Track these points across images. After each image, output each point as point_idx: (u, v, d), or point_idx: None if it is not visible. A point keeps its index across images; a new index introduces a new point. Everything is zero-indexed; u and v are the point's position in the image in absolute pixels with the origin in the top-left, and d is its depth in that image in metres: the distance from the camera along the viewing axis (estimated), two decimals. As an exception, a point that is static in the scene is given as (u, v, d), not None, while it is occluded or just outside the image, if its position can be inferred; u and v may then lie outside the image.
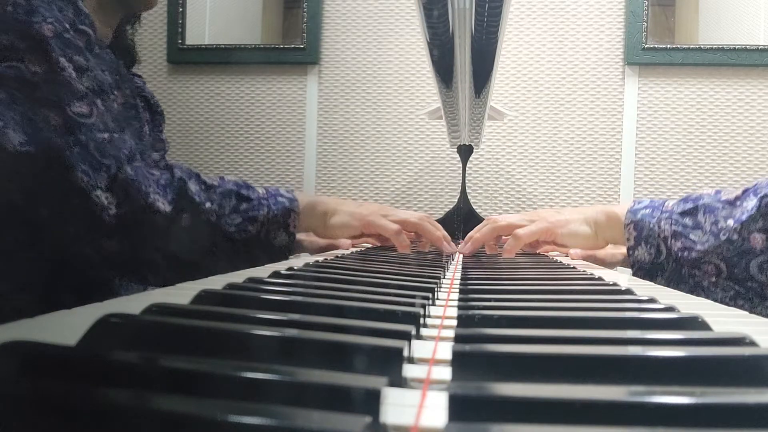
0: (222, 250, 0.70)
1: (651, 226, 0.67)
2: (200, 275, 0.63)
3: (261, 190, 0.75)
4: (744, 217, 0.61)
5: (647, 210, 0.69)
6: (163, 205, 0.65)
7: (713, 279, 0.63)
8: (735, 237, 0.61)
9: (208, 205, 0.68)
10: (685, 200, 0.68)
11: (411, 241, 0.79)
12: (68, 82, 0.63)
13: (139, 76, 0.93)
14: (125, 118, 0.77)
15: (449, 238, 0.81)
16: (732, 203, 0.63)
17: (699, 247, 0.63)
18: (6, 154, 0.60)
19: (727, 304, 0.62)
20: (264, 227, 0.72)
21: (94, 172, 0.62)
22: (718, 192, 0.67)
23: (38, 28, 0.62)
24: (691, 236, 0.64)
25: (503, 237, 0.81)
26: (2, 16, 0.62)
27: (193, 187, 0.68)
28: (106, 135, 0.64)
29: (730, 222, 0.62)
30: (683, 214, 0.66)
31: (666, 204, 0.69)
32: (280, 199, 0.74)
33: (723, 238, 0.61)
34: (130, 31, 0.90)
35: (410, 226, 0.78)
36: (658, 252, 0.67)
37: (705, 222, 0.64)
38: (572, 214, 0.76)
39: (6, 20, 0.62)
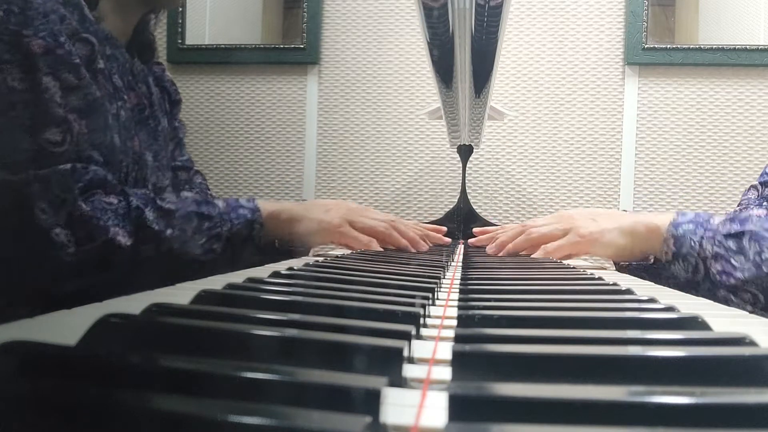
0: (191, 270, 0.65)
1: (692, 243, 0.64)
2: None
3: (221, 204, 0.71)
4: None
5: (690, 225, 0.66)
6: (124, 239, 0.62)
7: (749, 308, 0.61)
8: None
9: (168, 232, 0.65)
10: (732, 220, 0.65)
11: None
12: (46, 106, 0.60)
13: (159, 63, 0.91)
14: (138, 121, 0.76)
15: (415, 239, 0.79)
16: None
17: (738, 274, 0.61)
18: None
19: None
20: (229, 243, 0.69)
21: (53, 208, 0.59)
22: (767, 216, 0.65)
23: (27, 42, 0.59)
24: (733, 261, 0.62)
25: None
26: None
27: (150, 215, 0.64)
28: (68, 166, 0.60)
29: None
30: (728, 236, 0.63)
31: (711, 221, 0.66)
32: (241, 211, 0.71)
33: (765, 270, 0.60)
34: (152, 23, 0.87)
35: (379, 235, 0.76)
36: (696, 271, 0.64)
37: (750, 249, 0.62)
38: (607, 222, 0.72)
39: None
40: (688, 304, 0.36)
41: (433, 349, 0.24)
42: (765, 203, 0.92)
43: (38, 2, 0.61)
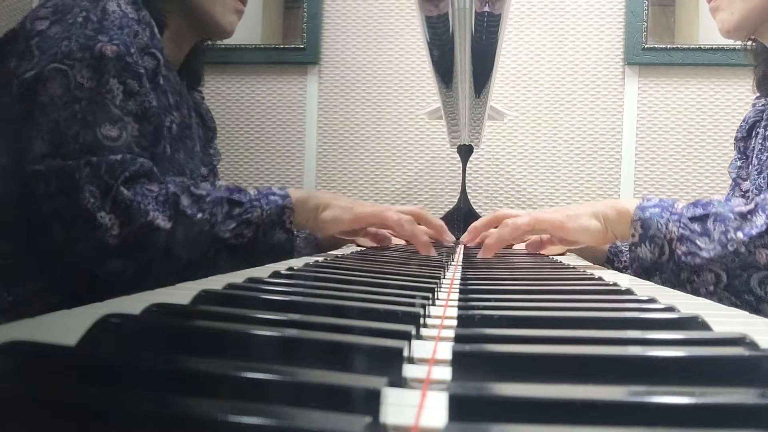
0: (223, 258, 0.70)
1: (659, 226, 0.67)
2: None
3: (252, 192, 0.74)
4: (754, 232, 0.61)
5: (656, 209, 0.69)
6: (163, 222, 0.66)
7: (711, 287, 0.64)
8: (742, 249, 0.61)
9: (199, 216, 0.68)
10: (695, 205, 0.67)
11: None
12: (107, 105, 0.66)
13: (199, 91, 0.98)
14: (180, 138, 0.81)
15: (443, 230, 0.82)
16: (744, 216, 0.63)
17: (704, 254, 0.63)
18: (23, 170, 0.63)
19: None
20: (260, 228, 0.71)
21: (101, 192, 0.64)
22: (728, 200, 0.67)
23: (100, 47, 0.65)
24: (698, 242, 0.64)
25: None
26: (71, 26, 0.66)
27: (185, 200, 0.68)
28: (119, 156, 0.66)
29: (740, 234, 0.62)
30: (693, 219, 0.66)
31: (676, 206, 0.69)
32: (272, 197, 0.73)
33: (730, 249, 0.62)
34: (203, 53, 0.95)
35: (405, 233, 0.77)
36: (661, 252, 0.67)
37: (714, 230, 0.64)
38: (580, 209, 0.75)
39: (74, 31, 0.66)
40: (688, 304, 0.36)
41: (433, 349, 0.24)
42: (741, 156, 0.98)
43: (115, 16, 0.69)
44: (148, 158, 0.70)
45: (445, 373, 0.21)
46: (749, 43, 0.97)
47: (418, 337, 0.26)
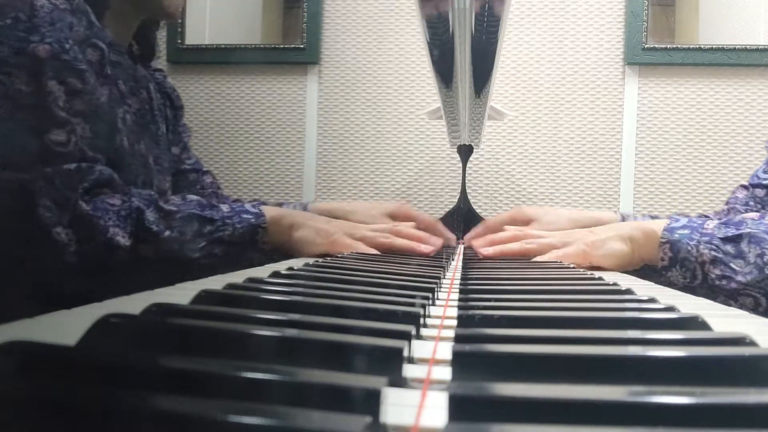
0: (191, 277, 0.68)
1: (689, 248, 0.63)
2: None
3: (225, 208, 0.71)
4: None
5: (685, 230, 0.65)
6: (123, 239, 0.62)
7: (750, 312, 0.61)
8: None
9: (167, 233, 0.65)
10: (726, 224, 0.64)
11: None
12: (50, 109, 0.62)
13: (160, 70, 0.93)
14: (140, 126, 0.77)
15: (420, 239, 0.76)
16: None
17: (740, 278, 0.60)
18: None
19: None
20: (232, 247, 0.69)
21: (57, 206, 0.60)
22: (762, 218, 0.64)
23: (33, 48, 0.61)
24: (733, 265, 0.61)
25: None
26: (1, 30, 0.62)
27: (150, 216, 0.65)
28: (73, 165, 0.62)
29: None
30: (725, 240, 0.62)
31: (706, 225, 0.65)
32: (245, 216, 0.70)
33: None
34: (161, 25, 0.90)
35: (379, 247, 0.74)
36: (693, 276, 0.64)
37: (749, 252, 0.60)
38: (606, 231, 0.71)
39: (4, 35, 0.61)
40: (688, 304, 0.36)
41: (433, 349, 0.24)
42: (755, 204, 0.91)
43: (45, 11, 0.63)
44: (104, 159, 0.66)
45: (445, 373, 0.21)
46: None
47: (418, 337, 0.26)
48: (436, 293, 0.38)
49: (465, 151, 1.35)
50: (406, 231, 0.77)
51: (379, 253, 0.73)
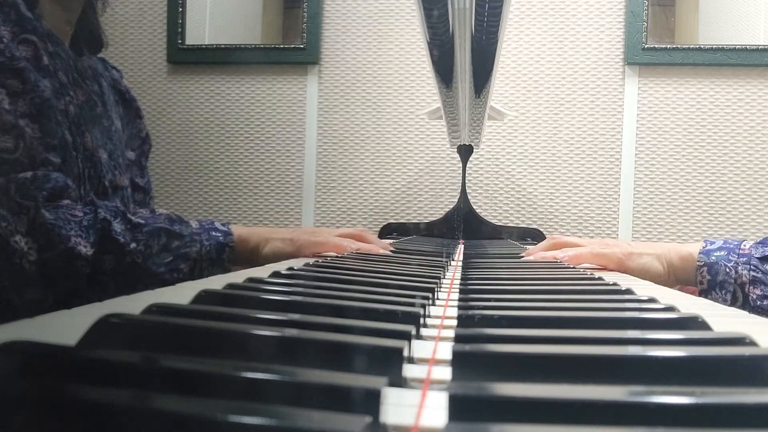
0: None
1: (727, 270, 0.63)
2: None
3: (194, 224, 0.71)
4: None
5: (722, 252, 0.65)
6: (85, 249, 0.61)
7: None
8: None
9: (132, 245, 0.64)
10: (764, 244, 0.63)
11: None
12: None
13: (117, 69, 0.90)
14: (87, 119, 0.74)
15: (376, 245, 0.78)
16: None
17: None
18: None
19: None
20: (197, 264, 0.69)
21: (13, 215, 0.58)
22: None
23: None
24: None
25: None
26: None
27: (117, 227, 0.64)
28: (29, 174, 0.60)
29: None
30: (763, 259, 0.62)
31: (743, 245, 0.65)
32: (213, 233, 0.71)
33: None
34: (99, 8, 0.84)
35: (331, 248, 0.75)
36: (734, 298, 0.63)
37: None
38: (644, 248, 0.71)
39: None
40: (688, 304, 0.36)
41: (433, 349, 0.24)
42: None
43: None
44: (57, 156, 0.64)
45: (445, 373, 0.21)
46: None
47: (418, 337, 0.26)
48: (436, 293, 0.38)
49: (465, 151, 1.35)
50: (367, 236, 0.80)
51: (343, 248, 0.74)
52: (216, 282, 0.38)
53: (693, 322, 0.27)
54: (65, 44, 0.75)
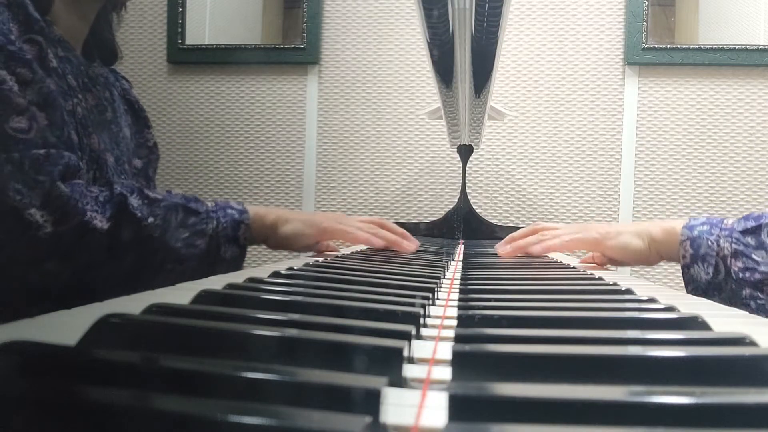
0: (171, 266, 0.67)
1: (709, 243, 0.64)
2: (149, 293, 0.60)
3: (210, 203, 0.72)
4: None
5: (705, 227, 0.66)
6: (101, 223, 0.62)
7: None
8: None
9: (150, 219, 0.65)
10: (746, 218, 0.64)
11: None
12: (7, 96, 0.60)
13: (127, 80, 0.91)
14: (96, 123, 0.75)
15: (406, 236, 0.79)
16: None
17: (763, 268, 0.60)
18: None
19: None
20: (213, 240, 0.69)
21: (29, 189, 0.59)
22: None
23: None
24: (754, 256, 0.61)
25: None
26: None
27: (134, 201, 0.65)
28: (42, 151, 0.61)
29: None
30: (745, 232, 0.62)
31: (725, 221, 0.66)
32: (229, 211, 0.72)
33: None
34: (115, 21, 0.86)
35: (363, 237, 0.75)
36: (716, 271, 0.64)
37: None
38: (622, 227, 0.72)
39: None
40: (688, 304, 0.36)
41: (433, 349, 0.24)
42: None
43: None
44: (66, 147, 0.65)
45: (445, 373, 0.21)
46: None
47: (418, 337, 0.26)
48: (436, 293, 0.38)
49: (465, 151, 1.35)
50: (392, 226, 0.79)
51: (370, 240, 0.74)
52: (216, 282, 0.38)
53: (693, 322, 0.27)
54: (77, 50, 0.77)
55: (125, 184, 0.67)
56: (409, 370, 0.21)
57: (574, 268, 0.62)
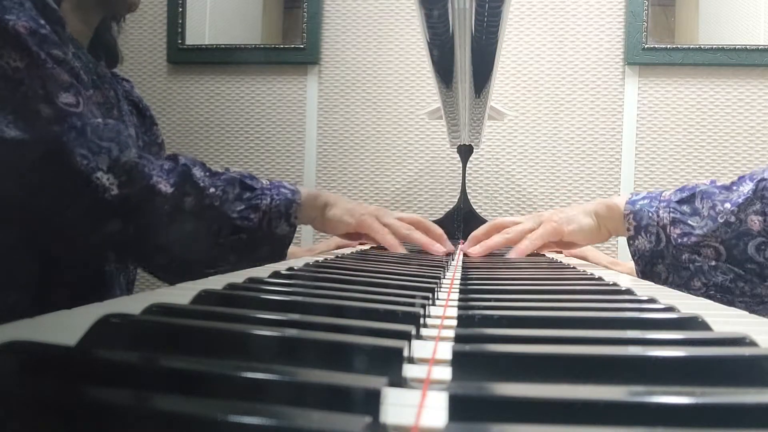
0: (225, 237, 0.71)
1: (650, 215, 0.69)
2: (202, 264, 0.64)
3: (265, 182, 0.76)
4: (741, 200, 0.63)
5: (645, 200, 0.71)
6: (165, 187, 0.66)
7: (713, 263, 0.65)
8: (732, 219, 0.63)
9: (211, 190, 0.70)
10: (681, 190, 0.70)
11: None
12: (51, 74, 0.63)
13: (128, 81, 0.93)
14: (106, 117, 0.77)
15: (442, 238, 0.81)
16: (728, 188, 0.66)
17: (698, 231, 0.65)
18: (3, 147, 0.59)
19: (728, 288, 0.64)
20: (266, 216, 0.73)
21: (94, 155, 0.63)
22: (713, 181, 0.69)
23: (12, 25, 0.62)
24: (690, 222, 0.66)
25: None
26: None
27: (197, 172, 0.70)
28: (100, 120, 0.65)
29: (727, 205, 0.64)
30: (681, 201, 0.68)
31: (663, 194, 0.71)
32: (283, 190, 0.76)
33: (721, 220, 0.63)
34: (115, 29, 0.89)
35: (399, 236, 0.78)
36: (658, 240, 0.69)
37: (702, 207, 0.66)
38: (574, 209, 0.78)
39: None
40: (688, 304, 0.36)
41: (433, 349, 0.24)
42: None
43: None
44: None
45: (445, 373, 0.21)
46: None
47: (418, 337, 0.26)
48: (436, 293, 0.38)
49: (465, 151, 1.35)
50: (429, 226, 0.83)
51: (402, 249, 0.77)
52: (216, 282, 0.38)
53: (693, 322, 0.27)
54: (84, 49, 0.79)
55: (188, 157, 0.72)
56: (409, 370, 0.21)
57: (573, 268, 0.62)
